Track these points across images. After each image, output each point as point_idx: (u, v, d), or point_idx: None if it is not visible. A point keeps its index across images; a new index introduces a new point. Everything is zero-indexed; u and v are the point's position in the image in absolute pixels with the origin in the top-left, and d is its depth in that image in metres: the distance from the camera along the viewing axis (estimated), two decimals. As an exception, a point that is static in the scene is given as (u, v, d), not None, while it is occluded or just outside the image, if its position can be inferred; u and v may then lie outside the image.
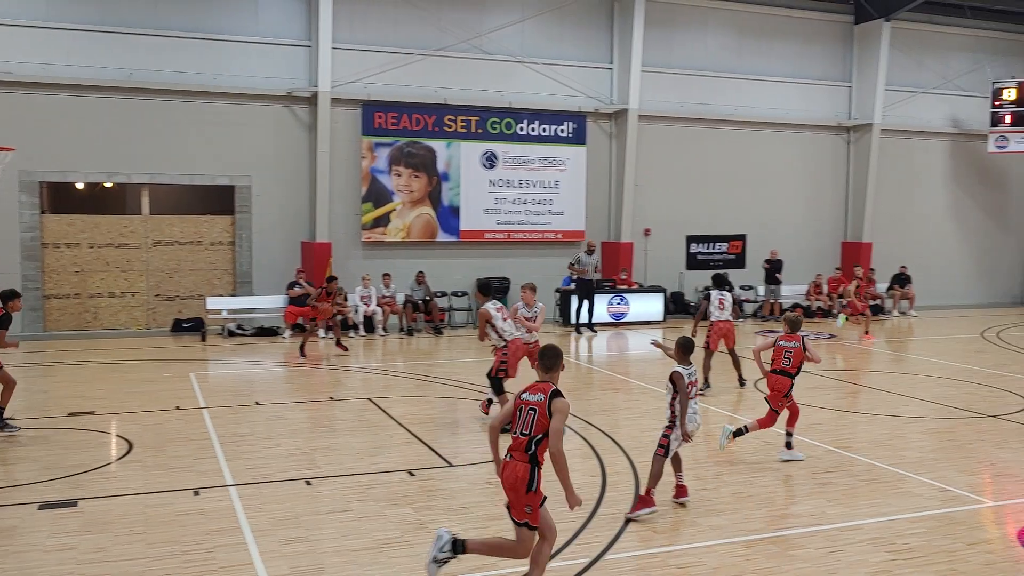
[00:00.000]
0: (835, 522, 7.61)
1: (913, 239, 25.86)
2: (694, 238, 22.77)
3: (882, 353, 18.74)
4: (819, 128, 24.95)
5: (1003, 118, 25.23)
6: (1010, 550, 7.10)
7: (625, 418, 11.82)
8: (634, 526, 7.47)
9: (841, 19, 24.98)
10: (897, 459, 9.60)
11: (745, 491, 8.44)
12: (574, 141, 22.13)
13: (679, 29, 23.19)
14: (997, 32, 26.55)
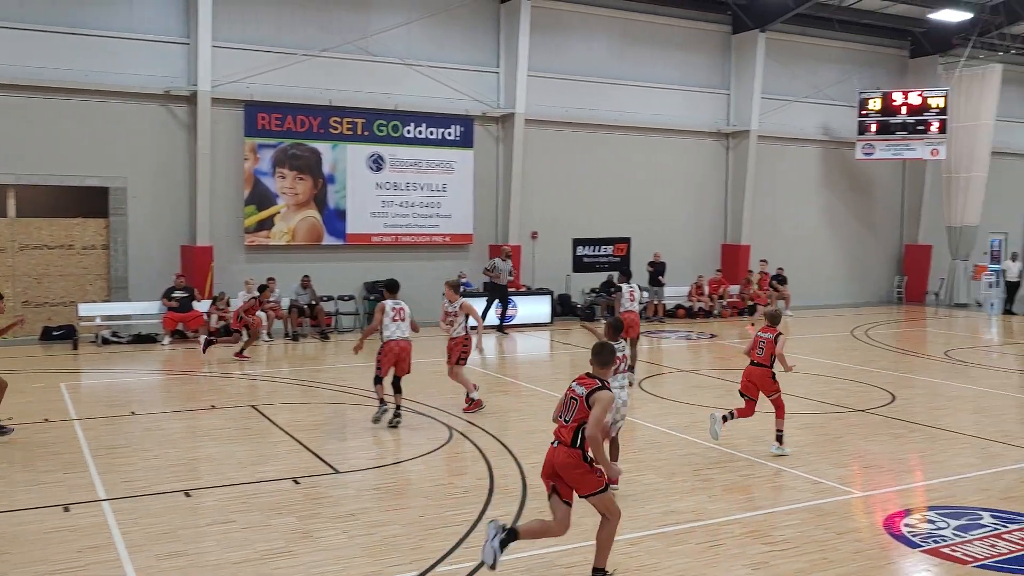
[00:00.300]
0: (715, 517, 7.83)
1: (789, 241, 26.90)
2: (580, 241, 23.10)
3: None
4: (700, 134, 25.70)
5: (869, 127, 26.52)
6: (877, 537, 7.44)
7: (514, 420, 11.89)
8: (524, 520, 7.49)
9: (720, 29, 25.79)
10: (772, 454, 9.94)
11: (629, 489, 8.59)
12: (461, 144, 22.16)
13: (565, 35, 23.50)
14: (863, 45, 27.90)
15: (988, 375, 16.00)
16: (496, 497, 8.33)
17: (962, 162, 27.46)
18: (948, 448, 10.54)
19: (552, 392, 13.71)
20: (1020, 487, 8.92)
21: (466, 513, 7.83)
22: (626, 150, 24.51)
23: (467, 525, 7.51)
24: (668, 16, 24.81)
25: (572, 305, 23.66)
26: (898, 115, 26.22)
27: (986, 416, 12.46)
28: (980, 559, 6.92)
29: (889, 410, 12.50)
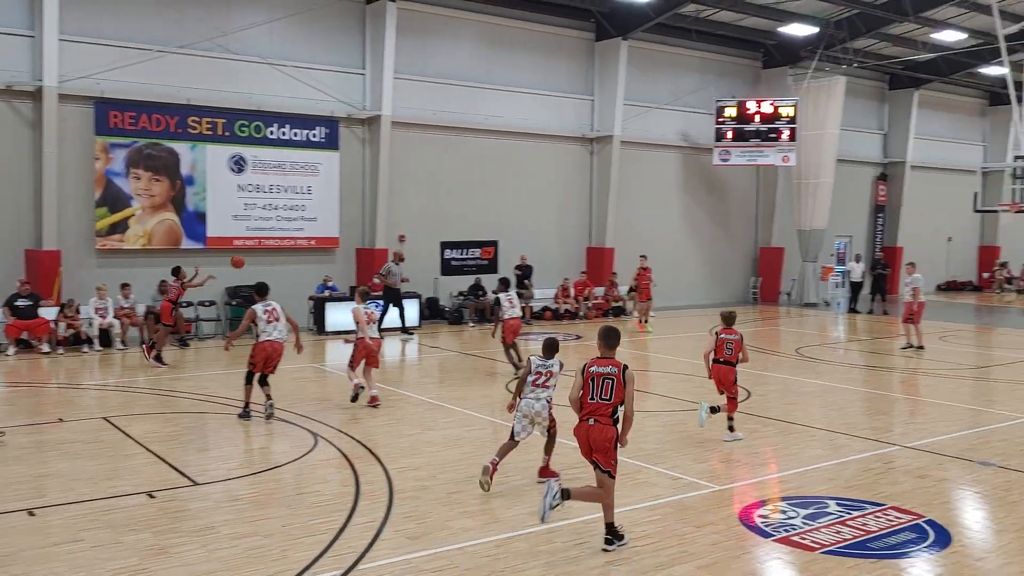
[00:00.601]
0: (580, 516, 7.95)
1: (651, 244, 27.61)
2: (448, 244, 23.12)
3: (623, 351, 19.85)
4: (565, 139, 26.12)
5: (726, 134, 27.58)
6: (733, 529, 7.73)
7: (381, 425, 11.76)
8: (387, 533, 7.44)
9: (584, 36, 26.30)
10: (636, 452, 10.18)
11: (497, 491, 8.64)
12: (327, 146, 21.80)
13: (432, 38, 23.46)
14: (720, 55, 29.01)
15: (835, 371, 16.88)
16: (362, 503, 8.23)
17: (810, 169, 28.93)
18: (799, 441, 11.06)
19: (420, 396, 13.68)
20: (863, 475, 9.44)
21: (331, 521, 7.70)
22: (493, 154, 24.68)
23: (332, 533, 7.38)
24: (534, 22, 25.13)
25: (440, 308, 23.64)
26: (752, 123, 27.38)
27: (833, 410, 13.13)
28: (826, 545, 7.29)
29: (745, 406, 12.98)
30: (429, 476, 9.16)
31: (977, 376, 16.74)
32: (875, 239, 34.47)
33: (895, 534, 7.60)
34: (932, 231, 35.76)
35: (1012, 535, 7.69)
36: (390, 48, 21.91)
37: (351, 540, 7.26)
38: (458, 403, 13.06)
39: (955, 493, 8.99)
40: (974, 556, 7.20)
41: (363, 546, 7.13)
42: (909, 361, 18.12)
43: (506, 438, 9.05)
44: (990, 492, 8.96)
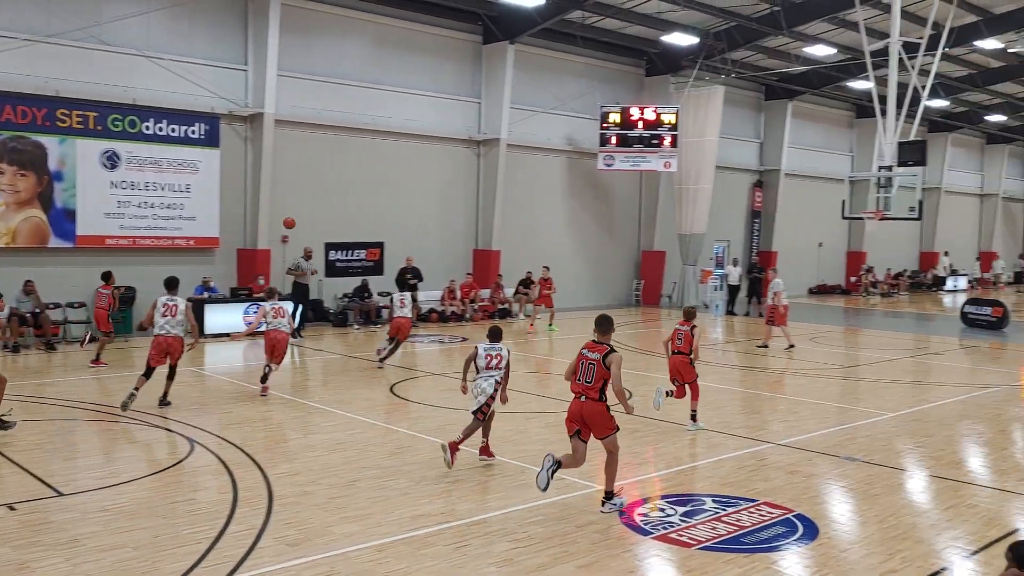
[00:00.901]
0: (463, 518, 7.96)
1: (536, 247, 27.92)
2: (333, 245, 22.78)
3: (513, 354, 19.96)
4: (452, 141, 26.10)
5: (610, 139, 28.09)
6: (614, 528, 7.86)
7: (260, 430, 11.49)
8: (266, 541, 7.26)
9: (471, 38, 26.34)
10: (520, 453, 10.27)
11: (379, 495, 8.56)
12: (206, 143, 21.16)
13: (318, 36, 23.07)
14: (604, 61, 29.53)
15: (713, 371, 17.38)
16: (240, 511, 8.00)
17: (691, 175, 29.75)
18: (678, 440, 11.34)
19: (302, 400, 13.43)
20: (738, 473, 9.75)
21: (206, 530, 7.46)
22: (379, 155, 24.45)
23: (207, 543, 7.16)
24: (421, 23, 25.02)
25: (324, 310, 23.27)
26: (635, 129, 27.96)
27: (711, 409, 13.49)
28: (703, 541, 7.49)
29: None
30: (310, 481, 8.99)
31: (844, 376, 17.52)
32: (752, 244, 35.73)
33: (767, 528, 7.87)
34: (804, 237, 37.35)
35: (874, 526, 8.07)
36: (273, 44, 21.44)
37: (227, 549, 7.06)
38: (341, 407, 12.87)
39: (823, 488, 9.37)
40: (840, 547, 7.52)
41: (240, 555, 6.94)
42: (781, 361, 18.83)
43: (405, 437, 8.94)
44: (855, 486, 9.39)
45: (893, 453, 10.99)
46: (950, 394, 15.16)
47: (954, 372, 18.35)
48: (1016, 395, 15.55)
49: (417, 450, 10.37)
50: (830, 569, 7.02)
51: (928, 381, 17.16)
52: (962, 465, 10.67)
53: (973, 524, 8.14)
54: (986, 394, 15.21)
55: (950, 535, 7.86)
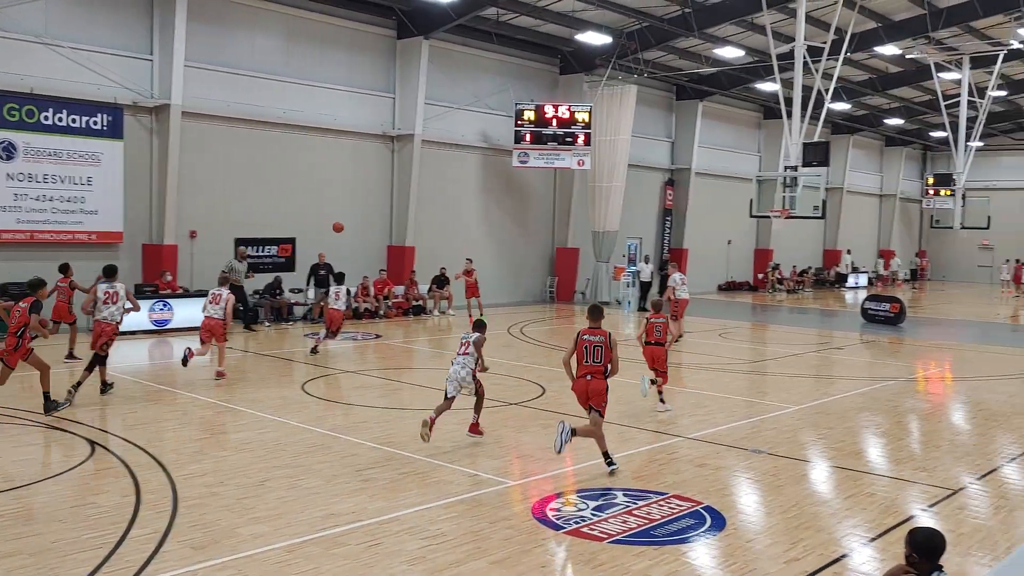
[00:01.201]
0: (375, 516, 7.89)
1: (451, 243, 27.86)
2: (243, 241, 22.33)
3: (423, 351, 19.92)
4: (366, 136, 25.84)
5: (524, 136, 28.19)
6: (526, 523, 7.89)
7: (167, 430, 11.18)
8: (170, 544, 7.06)
9: (385, 33, 26.11)
10: (433, 450, 10.22)
11: (289, 495, 8.42)
12: (109, 135, 20.46)
13: (228, 26, 22.55)
14: (519, 59, 29.62)
15: (625, 366, 17.57)
16: (143, 514, 7.77)
17: (604, 172, 30.08)
18: (590, 435, 11.43)
19: (209, 399, 13.11)
20: (648, 466, 9.91)
21: (108, 534, 7.23)
22: (292, 149, 24.05)
23: (108, 547, 6.93)
24: (335, 16, 24.68)
25: (235, 308, 22.70)
26: (550, 127, 28.12)
27: (622, 404, 13.64)
28: (614, 535, 7.59)
29: (540, 402, 13.35)
30: (218, 482, 8.79)
31: (752, 370, 17.96)
32: (663, 241, 36.34)
33: (677, 521, 8.01)
34: (714, 234, 38.17)
35: (779, 516, 8.30)
36: (180, 33, 20.86)
37: (129, 554, 6.84)
38: (250, 405, 12.62)
39: (730, 480, 9.59)
40: (746, 538, 7.71)
41: (143, 559, 6.74)
42: (692, 356, 19.20)
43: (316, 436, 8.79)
44: (761, 477, 9.64)
45: (797, 445, 11.31)
46: (851, 387, 15.69)
47: (855, 366, 19.00)
48: (912, 388, 16.18)
49: (329, 448, 10.24)
50: (736, 559, 7.19)
51: (830, 375, 17.73)
52: (861, 455, 11.05)
53: (871, 512, 8.44)
54: (884, 387, 15.79)
55: (850, 523, 8.13)
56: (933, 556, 4.84)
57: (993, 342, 23.89)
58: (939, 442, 11.78)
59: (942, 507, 8.72)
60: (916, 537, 4.94)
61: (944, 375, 18.11)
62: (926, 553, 4.82)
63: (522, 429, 11.62)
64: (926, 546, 4.87)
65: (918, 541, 4.89)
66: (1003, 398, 14.95)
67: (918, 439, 12.10)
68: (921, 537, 4.88)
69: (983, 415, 13.57)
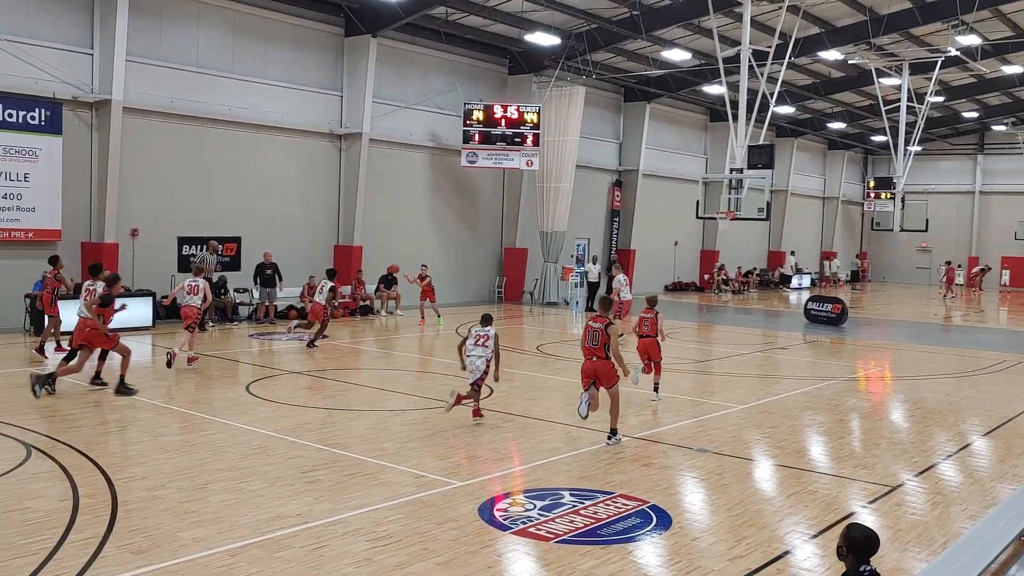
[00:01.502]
0: (320, 518, 7.80)
1: (399, 243, 27.71)
2: (186, 240, 21.96)
3: (370, 351, 19.78)
4: (313, 134, 25.57)
5: (473, 136, 28.14)
6: (473, 524, 7.87)
7: (106, 433, 10.95)
8: (109, 549, 6.91)
9: (333, 30, 25.87)
10: (380, 451, 10.16)
11: (232, 498, 8.29)
12: (48, 130, 19.96)
13: (170, 21, 22.14)
14: (468, 59, 29.57)
15: (573, 367, 17.65)
16: (81, 519, 7.59)
17: (552, 173, 30.18)
18: (538, 435, 11.47)
19: (151, 401, 12.86)
20: (594, 466, 9.95)
21: (44, 540, 7.04)
22: (237, 146, 23.70)
23: (44, 553, 6.75)
24: (281, 12, 24.39)
25: (178, 307, 22.31)
26: (499, 127, 28.11)
27: (570, 404, 13.68)
28: (561, 535, 7.60)
29: (488, 403, 13.29)
30: (159, 485, 8.62)
31: (698, 370, 18.15)
32: (611, 242, 36.57)
33: (623, 520, 8.06)
34: (661, 235, 38.51)
35: (724, 514, 8.39)
36: (122, 27, 20.41)
37: (67, 560, 6.68)
38: (194, 407, 12.42)
39: (676, 479, 9.68)
40: (691, 536, 7.78)
41: (81, 564, 6.59)
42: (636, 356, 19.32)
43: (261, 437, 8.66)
44: (706, 476, 9.74)
45: (742, 444, 11.46)
46: (794, 387, 15.94)
47: (798, 366, 19.31)
48: (853, 387, 16.50)
49: (274, 450, 10.11)
50: (681, 557, 7.25)
51: (775, 374, 17.99)
52: (804, 454, 11.23)
53: (813, 509, 8.58)
54: (826, 386, 16.08)
55: (792, 520, 8.26)
56: (863, 555, 4.95)
57: (929, 342, 24.47)
58: (879, 440, 12.02)
59: (881, 503, 8.90)
60: (852, 533, 5.04)
61: (884, 374, 18.50)
62: (858, 551, 4.93)
63: (469, 430, 11.59)
64: (862, 544, 4.97)
65: (854, 538, 4.99)
66: (940, 396, 15.32)
67: (859, 437, 12.34)
68: (858, 535, 4.98)
69: (920, 413, 13.89)
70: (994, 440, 12.10)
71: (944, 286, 41.78)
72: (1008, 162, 50.57)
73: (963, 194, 52.69)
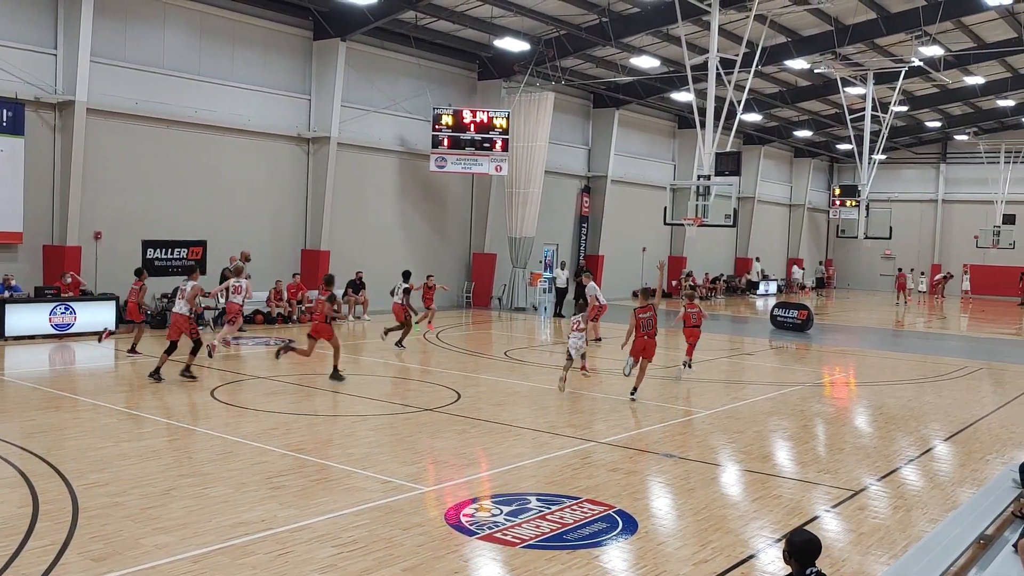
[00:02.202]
0: (285, 524, 7.74)
1: (367, 247, 27.61)
2: (151, 243, 21.73)
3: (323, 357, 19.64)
4: (280, 137, 25.42)
5: (442, 141, 28.13)
6: (439, 529, 7.85)
7: (68, 438, 10.77)
8: (69, 557, 6.80)
9: (301, 33, 25.74)
10: (346, 457, 10.10)
11: (196, 504, 8.20)
12: (9, 131, 19.67)
13: (136, 21, 21.92)
14: (438, 63, 29.56)
15: (540, 372, 17.71)
16: (41, 526, 7.47)
17: (521, 178, 30.23)
18: (505, 440, 11.47)
19: (113, 406, 12.69)
20: (562, 471, 9.96)
21: (3, 546, 6.93)
22: (203, 149, 23.50)
23: (2, 561, 6.64)
24: (249, 15, 24.23)
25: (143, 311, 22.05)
26: (468, 132, 28.13)
27: (537, 409, 13.75)
28: (527, 540, 7.60)
29: (455, 408, 13.31)
30: (121, 492, 8.50)
31: (664, 375, 18.22)
32: (579, 247, 36.68)
33: (589, 525, 8.07)
34: (629, 241, 38.70)
35: (689, 519, 8.43)
36: (87, 27, 20.17)
37: (25, 567, 6.57)
38: (157, 412, 12.28)
39: (642, 484, 9.71)
40: (657, 540, 7.81)
41: (39, 572, 6.49)
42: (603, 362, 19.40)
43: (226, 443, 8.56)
44: (672, 481, 9.79)
45: (708, 449, 11.53)
46: (760, 392, 16.07)
47: (764, 371, 19.47)
48: (819, 392, 16.67)
49: (238, 455, 10.01)
50: (647, 562, 7.28)
51: (740, 380, 18.13)
52: (769, 459, 11.32)
53: (777, 513, 8.65)
54: (792, 392, 16.23)
55: (757, 524, 8.32)
56: (806, 559, 5.06)
57: (892, 348, 24.78)
58: (843, 445, 12.14)
59: (844, 507, 9.00)
60: (794, 539, 5.15)
61: (848, 380, 18.70)
62: (801, 555, 5.04)
63: (436, 435, 11.56)
64: (804, 548, 5.09)
65: (796, 543, 5.10)
66: (902, 402, 15.51)
67: (823, 442, 12.45)
68: (799, 540, 5.10)
69: (883, 418, 14.06)
70: (955, 445, 12.28)
71: (896, 293, 42.50)
72: (969, 171, 51.46)
73: (926, 202, 53.54)
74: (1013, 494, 8.46)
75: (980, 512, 7.88)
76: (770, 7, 25.32)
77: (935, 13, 26.46)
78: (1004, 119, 45.66)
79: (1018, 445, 12.18)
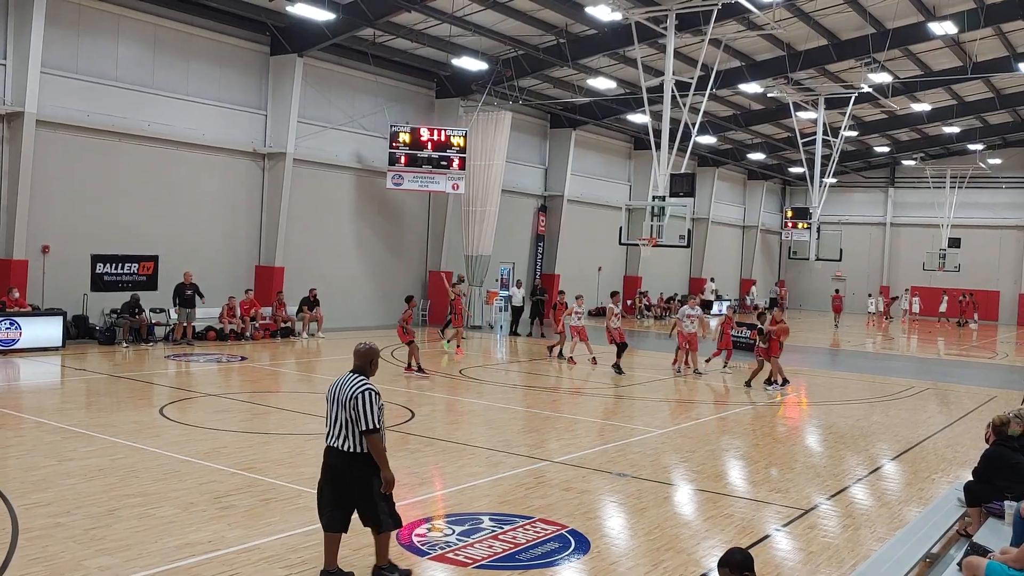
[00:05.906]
0: (233, 545, 7.61)
1: (322, 264, 27.40)
2: (100, 257, 21.36)
3: (290, 374, 19.46)
4: (235, 153, 25.18)
5: (399, 158, 28.07)
6: (391, 549, 7.74)
7: (10, 457, 10.50)
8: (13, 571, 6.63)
9: (258, 48, 25.58)
10: (297, 476, 9.96)
11: (141, 524, 8.03)
12: (-45, 142, 19.26)
13: (88, 33, 21.62)
14: (396, 81, 29.55)
15: (495, 390, 17.68)
16: (-22, 547, 7.26)
17: (478, 197, 30.27)
18: (459, 459, 11.41)
19: (58, 424, 12.41)
20: (515, 491, 9.92)
21: None
22: (156, 163, 23.19)
23: (-64, 584, 6.43)
24: (204, 28, 24.03)
25: (90, 327, 21.68)
26: (425, 150, 28.10)
27: (492, 428, 13.72)
28: (479, 560, 7.55)
29: (409, 427, 13.21)
30: (63, 512, 8.30)
31: (618, 395, 18.31)
32: (536, 266, 36.78)
33: (542, 544, 8.05)
34: (585, 261, 38.90)
35: (642, 538, 8.45)
36: (37, 38, 19.84)
37: None
38: (103, 430, 12.01)
39: (595, 503, 9.71)
40: (609, 560, 7.81)
41: (-24, 595, 6.29)
42: (558, 380, 19.45)
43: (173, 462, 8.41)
44: (625, 500, 9.80)
45: (660, 468, 11.57)
46: (712, 411, 16.19)
47: (716, 391, 19.63)
48: (770, 412, 16.84)
49: (186, 475, 9.83)
50: (599, 582, 7.26)
51: (693, 399, 18.25)
52: (721, 478, 11.39)
53: (729, 532, 8.70)
54: (744, 411, 16.38)
55: (709, 544, 8.35)
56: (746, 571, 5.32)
57: (842, 368, 25.13)
58: (793, 464, 12.27)
59: (795, 526, 9.08)
60: (732, 558, 5.39)
61: (799, 400, 18.92)
62: (740, 568, 5.31)
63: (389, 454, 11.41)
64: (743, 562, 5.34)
65: (735, 560, 5.33)
66: (851, 421, 15.73)
67: (774, 461, 12.57)
68: (740, 557, 5.36)
69: (833, 438, 14.24)
70: (902, 464, 12.47)
71: (833, 316, 43.43)
72: (917, 195, 52.65)
73: (875, 225, 54.63)
74: (958, 513, 8.60)
75: (926, 531, 7.99)
76: (724, 31, 25.74)
77: (884, 41, 27.09)
78: (950, 145, 46.82)
79: (963, 464, 12.40)
